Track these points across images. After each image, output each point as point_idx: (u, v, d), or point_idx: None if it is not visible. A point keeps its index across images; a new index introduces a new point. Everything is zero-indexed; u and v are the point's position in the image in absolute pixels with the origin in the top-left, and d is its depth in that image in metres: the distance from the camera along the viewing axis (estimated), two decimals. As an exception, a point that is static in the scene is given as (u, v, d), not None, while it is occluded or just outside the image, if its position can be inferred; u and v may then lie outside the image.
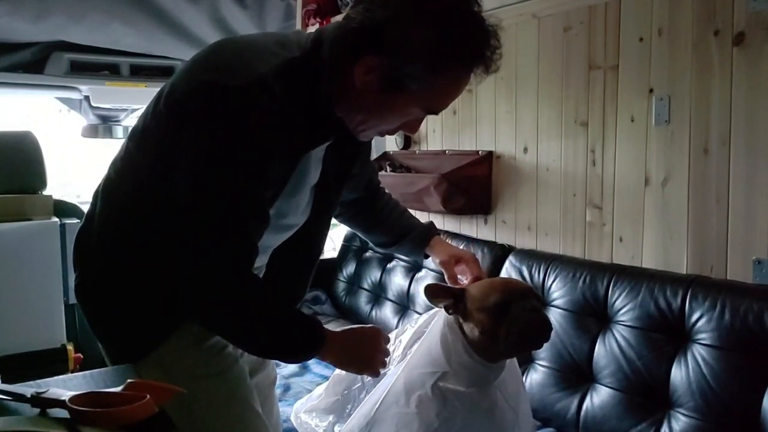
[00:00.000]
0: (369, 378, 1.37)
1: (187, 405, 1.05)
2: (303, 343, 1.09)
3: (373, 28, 0.98)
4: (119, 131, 3.01)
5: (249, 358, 1.25)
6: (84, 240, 1.15)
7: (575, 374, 1.65)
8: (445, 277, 1.37)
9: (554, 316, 1.71)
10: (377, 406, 1.24)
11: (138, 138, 1.08)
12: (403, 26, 0.97)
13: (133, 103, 2.89)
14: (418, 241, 1.41)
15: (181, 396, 1.05)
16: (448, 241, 2.22)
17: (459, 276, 1.35)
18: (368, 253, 2.63)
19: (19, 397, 0.73)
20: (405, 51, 0.97)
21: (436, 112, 1.08)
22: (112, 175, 1.12)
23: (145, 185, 1.05)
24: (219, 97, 0.94)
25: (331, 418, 1.44)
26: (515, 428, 1.26)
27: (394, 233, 1.42)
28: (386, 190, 1.48)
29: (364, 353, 1.18)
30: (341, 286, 2.70)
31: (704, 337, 1.40)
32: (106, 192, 1.13)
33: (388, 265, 2.49)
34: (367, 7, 0.99)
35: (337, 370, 1.49)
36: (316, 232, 1.21)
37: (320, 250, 1.26)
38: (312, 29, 2.17)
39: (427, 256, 1.43)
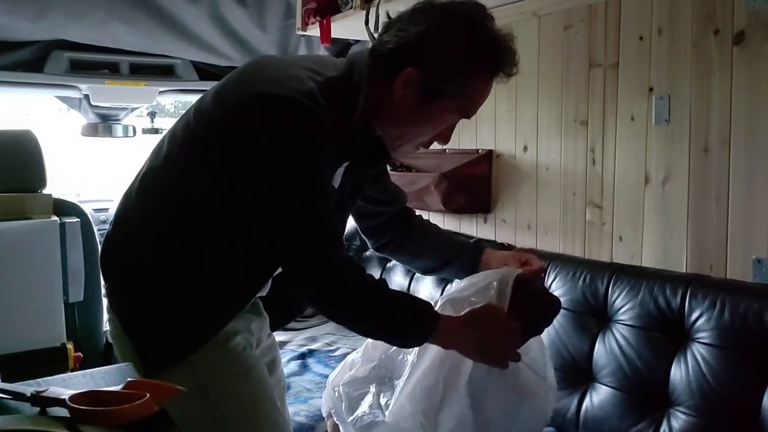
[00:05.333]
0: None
1: (213, 403, 1.10)
2: (414, 322, 1.13)
3: (408, 45, 1.09)
4: (119, 130, 3.01)
5: (264, 358, 1.27)
6: (114, 247, 1.17)
7: (575, 373, 1.65)
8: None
9: (554, 315, 1.72)
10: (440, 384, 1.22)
11: (184, 145, 1.11)
12: (437, 37, 1.08)
13: (132, 101, 2.88)
14: (469, 259, 1.43)
15: (206, 395, 1.10)
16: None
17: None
18: (368, 252, 2.63)
19: (18, 396, 0.73)
20: (441, 58, 1.08)
21: (469, 116, 1.17)
22: (150, 183, 1.14)
23: (195, 192, 1.09)
24: (278, 105, 1.02)
25: (372, 388, 1.37)
26: (546, 391, 1.29)
27: (442, 256, 1.44)
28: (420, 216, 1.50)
29: (488, 340, 1.17)
30: (341, 285, 2.69)
31: (704, 336, 1.39)
32: (141, 200, 1.14)
33: (388, 265, 2.48)
34: (400, 28, 1.11)
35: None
36: None
37: None
38: (312, 28, 2.18)
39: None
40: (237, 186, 1.06)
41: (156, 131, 3.08)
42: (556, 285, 1.75)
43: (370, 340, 1.43)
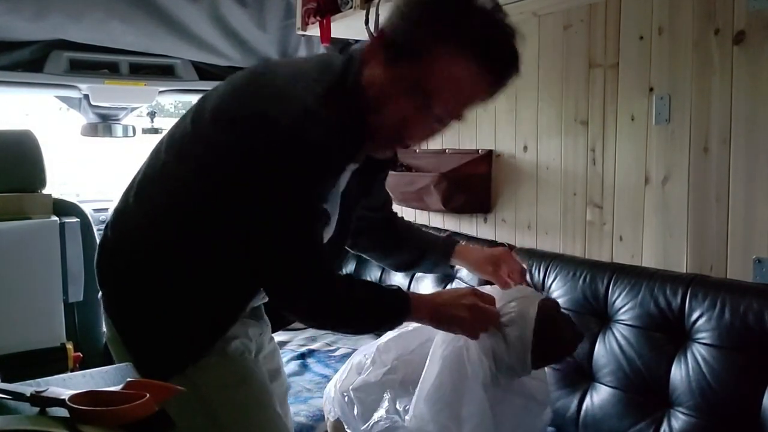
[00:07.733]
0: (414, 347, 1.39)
1: (215, 413, 1.08)
2: (391, 312, 1.18)
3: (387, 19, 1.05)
4: (119, 130, 3.01)
5: (266, 366, 1.27)
6: (109, 254, 1.15)
7: (575, 373, 1.65)
8: (493, 280, 1.39)
9: (554, 315, 1.71)
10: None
11: (179, 152, 1.09)
12: (402, 12, 1.03)
13: (132, 101, 2.88)
14: (441, 253, 1.41)
15: (206, 404, 1.08)
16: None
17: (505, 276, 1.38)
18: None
19: (18, 396, 0.73)
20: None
21: (432, 105, 1.06)
22: (147, 192, 1.11)
23: (192, 204, 1.07)
24: (276, 129, 0.99)
25: (387, 393, 1.33)
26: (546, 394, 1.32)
27: (414, 251, 1.42)
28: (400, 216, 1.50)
29: (458, 314, 1.22)
30: (341, 284, 2.68)
31: (704, 336, 1.39)
32: (137, 208, 1.12)
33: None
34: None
35: (382, 339, 1.46)
36: (340, 245, 1.26)
37: (342, 261, 1.30)
38: (312, 28, 2.18)
39: (452, 267, 1.42)
40: (233, 201, 1.04)
41: (156, 131, 3.08)
42: (556, 285, 1.75)
43: (378, 342, 1.44)
